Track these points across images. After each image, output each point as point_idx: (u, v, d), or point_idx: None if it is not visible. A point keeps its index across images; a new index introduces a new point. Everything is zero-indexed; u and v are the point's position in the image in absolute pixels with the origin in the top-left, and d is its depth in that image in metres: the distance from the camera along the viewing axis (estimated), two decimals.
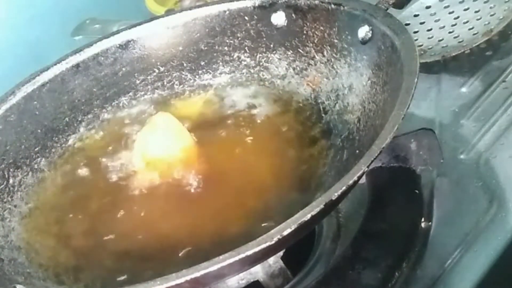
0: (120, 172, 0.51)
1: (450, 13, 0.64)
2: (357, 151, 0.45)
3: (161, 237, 0.45)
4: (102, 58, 0.57)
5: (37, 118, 0.54)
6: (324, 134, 0.49)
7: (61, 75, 0.56)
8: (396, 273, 0.42)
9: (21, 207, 0.50)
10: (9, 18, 0.84)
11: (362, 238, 0.44)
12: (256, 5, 0.56)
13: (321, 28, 0.52)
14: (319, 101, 0.52)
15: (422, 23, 0.65)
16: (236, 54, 0.58)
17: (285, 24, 0.55)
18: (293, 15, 0.54)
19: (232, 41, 0.58)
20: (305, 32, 0.54)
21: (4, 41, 0.84)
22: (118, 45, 0.58)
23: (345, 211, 0.49)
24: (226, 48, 0.58)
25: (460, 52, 0.60)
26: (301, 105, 0.53)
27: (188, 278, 0.32)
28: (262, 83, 0.57)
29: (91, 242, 0.46)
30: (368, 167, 0.35)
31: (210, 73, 0.59)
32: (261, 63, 0.57)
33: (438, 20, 0.64)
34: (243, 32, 0.57)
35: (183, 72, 0.59)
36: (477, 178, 0.47)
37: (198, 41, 0.58)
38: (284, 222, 0.33)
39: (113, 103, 0.58)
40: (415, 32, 0.64)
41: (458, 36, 0.61)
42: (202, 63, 0.59)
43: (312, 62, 0.54)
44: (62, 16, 0.87)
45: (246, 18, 0.56)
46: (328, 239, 0.48)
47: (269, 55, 0.57)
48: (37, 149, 0.54)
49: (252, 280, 0.46)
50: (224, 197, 0.47)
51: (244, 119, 0.54)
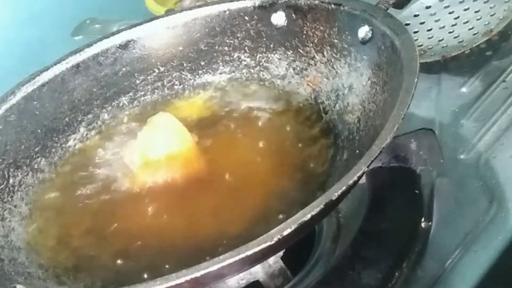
0: (120, 172, 0.51)
1: (450, 13, 0.64)
2: (357, 151, 0.45)
3: (161, 237, 0.45)
4: (102, 58, 0.57)
5: (37, 118, 0.54)
6: (324, 134, 0.49)
7: (61, 75, 0.56)
8: (396, 273, 0.42)
9: (21, 207, 0.50)
10: (9, 18, 0.84)
11: (362, 238, 0.44)
12: (256, 5, 0.56)
13: (321, 28, 0.52)
14: (319, 101, 0.52)
15: (422, 23, 0.65)
16: (236, 54, 0.58)
17: (285, 24, 0.55)
18: (293, 15, 0.54)
19: (232, 41, 0.58)
20: (305, 32, 0.54)
21: (4, 41, 0.84)
22: (118, 45, 0.58)
23: (345, 211, 0.49)
24: (226, 48, 0.58)
25: (460, 52, 0.60)
26: (301, 105, 0.53)
27: (188, 278, 0.32)
28: (262, 83, 0.57)
29: (91, 242, 0.46)
30: (368, 167, 0.35)
31: (210, 73, 0.59)
32: (261, 63, 0.57)
33: (438, 20, 0.64)
34: (243, 32, 0.57)
35: (183, 72, 0.59)
36: (477, 178, 0.47)
37: (198, 41, 0.58)
38: (284, 222, 0.33)
39: (113, 103, 0.58)
40: (415, 32, 0.64)
41: (458, 36, 0.61)
42: (202, 63, 0.59)
43: (312, 62, 0.54)
44: (62, 16, 0.87)
45: (246, 18, 0.57)
46: (328, 239, 0.48)
47: (269, 55, 0.57)
48: (37, 149, 0.54)
49: (252, 280, 0.46)
50: (224, 197, 0.47)
51: (244, 119, 0.54)
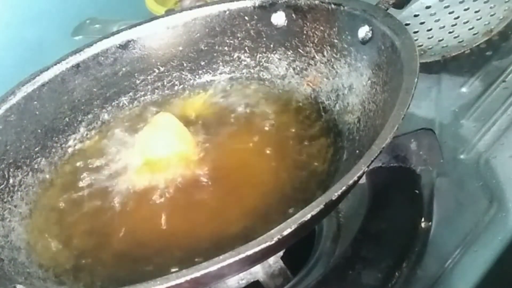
0: (121, 172, 0.51)
1: (450, 13, 0.64)
2: (357, 151, 0.45)
3: (162, 237, 0.45)
4: (102, 58, 0.57)
5: (37, 118, 0.54)
6: (324, 134, 0.49)
7: (61, 75, 0.56)
8: (396, 273, 0.42)
9: (21, 207, 0.50)
10: (9, 18, 0.84)
11: (362, 238, 0.44)
12: (256, 5, 0.56)
13: (321, 28, 0.52)
14: (319, 101, 0.52)
15: (422, 23, 0.65)
16: (236, 54, 0.58)
17: (285, 24, 0.55)
18: (293, 15, 0.54)
19: (232, 41, 0.58)
20: (305, 32, 0.54)
21: (4, 41, 0.84)
22: (118, 45, 0.58)
23: (345, 211, 0.49)
24: (226, 48, 0.58)
25: (460, 52, 0.60)
26: (301, 105, 0.53)
27: (188, 278, 0.32)
28: (262, 83, 0.57)
29: (91, 242, 0.46)
30: (368, 167, 0.35)
31: (210, 73, 0.59)
32: (261, 63, 0.57)
33: (438, 20, 0.64)
34: (243, 32, 0.57)
35: (183, 72, 0.59)
36: (477, 178, 0.47)
37: (198, 41, 0.58)
38: (284, 222, 0.33)
39: (113, 103, 0.58)
40: (415, 32, 0.64)
41: (458, 36, 0.61)
42: (202, 63, 0.59)
43: (312, 62, 0.54)
44: (62, 16, 0.87)
45: (246, 18, 0.57)
46: (328, 239, 0.48)
47: (269, 55, 0.57)
48: (37, 149, 0.54)
49: (252, 280, 0.46)
50: (224, 197, 0.47)
51: (244, 119, 0.54)
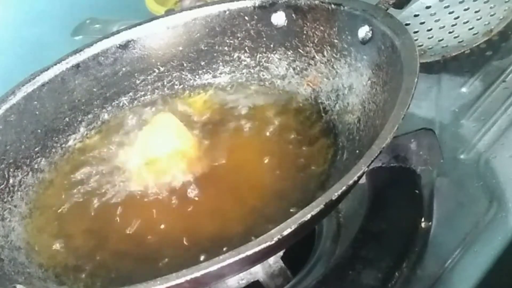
0: (121, 172, 0.51)
1: (450, 13, 0.64)
2: (357, 151, 0.45)
3: (161, 237, 0.45)
4: (102, 58, 0.57)
5: (37, 118, 0.54)
6: (324, 134, 0.49)
7: (61, 75, 0.56)
8: (396, 273, 0.42)
9: (21, 207, 0.50)
10: (9, 18, 0.84)
11: (362, 238, 0.44)
12: (256, 5, 0.56)
13: (321, 28, 0.52)
14: (319, 101, 0.52)
15: (422, 23, 0.65)
16: (236, 54, 0.58)
17: (285, 24, 0.55)
18: (293, 15, 0.54)
19: (232, 41, 0.58)
20: (305, 32, 0.54)
21: (4, 41, 0.84)
22: (118, 45, 0.58)
23: (345, 211, 0.49)
24: (226, 48, 0.58)
25: (460, 52, 0.60)
26: (301, 105, 0.53)
27: (188, 278, 0.32)
28: (262, 83, 0.57)
29: (91, 242, 0.46)
30: (368, 167, 0.35)
31: (210, 73, 0.59)
32: (261, 63, 0.57)
33: (438, 20, 0.64)
34: (243, 32, 0.57)
35: (183, 72, 0.59)
36: (477, 178, 0.47)
37: (198, 41, 0.58)
38: (284, 222, 0.33)
39: (113, 103, 0.58)
40: (415, 32, 0.64)
41: (458, 36, 0.61)
42: (202, 63, 0.59)
43: (312, 62, 0.54)
44: (62, 16, 0.87)
45: (246, 18, 0.57)
46: (328, 239, 0.48)
47: (269, 55, 0.57)
48: (37, 149, 0.54)
49: (252, 280, 0.46)
50: (225, 197, 0.47)
51: (244, 119, 0.54)
